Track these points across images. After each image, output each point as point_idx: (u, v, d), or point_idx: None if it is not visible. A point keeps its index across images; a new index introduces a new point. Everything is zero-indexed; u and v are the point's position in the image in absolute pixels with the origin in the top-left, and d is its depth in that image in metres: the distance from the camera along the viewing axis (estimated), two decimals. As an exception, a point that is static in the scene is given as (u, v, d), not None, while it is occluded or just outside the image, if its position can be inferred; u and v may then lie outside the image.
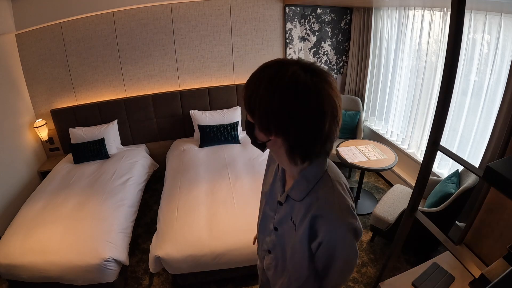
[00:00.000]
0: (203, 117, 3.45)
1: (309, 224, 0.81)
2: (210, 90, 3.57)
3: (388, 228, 2.28)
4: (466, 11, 1.08)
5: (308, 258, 0.88)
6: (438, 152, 1.36)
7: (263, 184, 1.10)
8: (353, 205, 0.80)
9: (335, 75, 3.99)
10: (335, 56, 3.88)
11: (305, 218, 0.81)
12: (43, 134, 3.30)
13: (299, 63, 0.69)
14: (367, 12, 3.34)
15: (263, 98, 0.68)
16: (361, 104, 3.62)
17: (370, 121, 3.77)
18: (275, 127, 0.71)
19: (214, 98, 3.61)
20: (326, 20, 3.65)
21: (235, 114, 3.52)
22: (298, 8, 3.51)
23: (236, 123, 3.45)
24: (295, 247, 0.90)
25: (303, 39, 3.68)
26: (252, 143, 0.83)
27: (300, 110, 0.67)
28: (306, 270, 0.92)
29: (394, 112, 3.33)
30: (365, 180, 3.47)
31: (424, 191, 1.51)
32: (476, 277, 1.22)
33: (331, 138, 0.74)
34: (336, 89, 0.70)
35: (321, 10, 3.59)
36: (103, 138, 3.24)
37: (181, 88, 3.61)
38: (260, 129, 0.74)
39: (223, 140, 3.39)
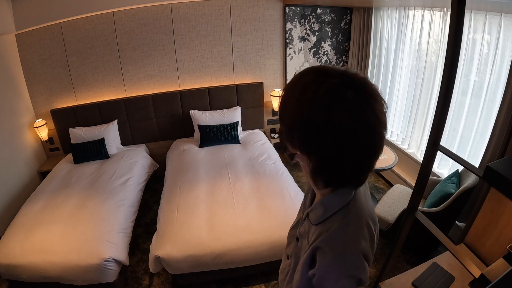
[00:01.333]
0: (203, 117, 3.45)
1: (312, 251, 0.73)
2: (210, 90, 3.57)
3: (388, 228, 2.28)
4: (466, 11, 1.08)
5: (308, 282, 0.79)
6: (438, 152, 1.36)
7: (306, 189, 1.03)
8: (367, 250, 0.67)
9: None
10: (335, 56, 3.88)
11: (312, 244, 0.74)
12: (43, 134, 3.30)
13: (344, 75, 0.59)
14: (367, 12, 3.34)
15: (292, 108, 0.61)
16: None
17: (370, 121, 3.76)
18: (299, 143, 0.63)
19: (214, 98, 3.61)
20: (326, 20, 3.65)
21: (235, 114, 3.52)
22: (298, 8, 3.51)
23: (236, 123, 3.45)
24: (299, 266, 0.83)
25: (303, 39, 3.68)
26: (283, 151, 0.76)
27: (328, 130, 0.58)
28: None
29: (394, 112, 3.33)
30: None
31: (424, 191, 1.51)
32: (476, 277, 1.22)
33: (363, 169, 0.64)
34: (383, 116, 0.59)
35: (321, 10, 3.59)
36: (103, 138, 3.24)
37: (181, 88, 3.61)
38: (286, 141, 0.66)
39: (223, 140, 3.39)
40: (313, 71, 0.62)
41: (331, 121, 0.57)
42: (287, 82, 0.67)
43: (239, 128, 3.56)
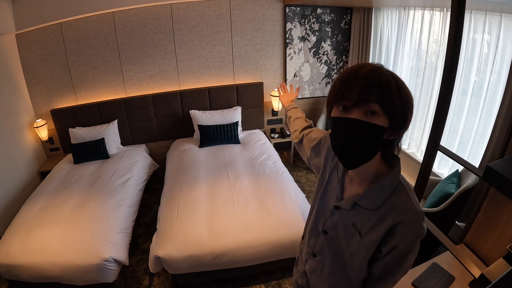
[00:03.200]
0: (203, 117, 3.45)
1: (386, 232, 0.80)
2: (210, 90, 3.57)
3: (388, 228, 2.27)
4: (466, 11, 1.08)
5: (367, 263, 0.87)
6: (438, 152, 1.36)
7: (318, 183, 1.04)
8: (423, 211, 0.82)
9: (335, 75, 3.99)
10: (335, 56, 3.88)
11: (379, 227, 0.80)
12: (43, 134, 3.30)
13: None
14: (367, 12, 3.34)
15: (400, 95, 0.72)
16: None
17: (370, 121, 3.76)
18: (408, 124, 0.77)
19: (214, 98, 3.61)
20: (326, 20, 3.65)
21: (235, 114, 3.52)
22: (298, 8, 3.51)
23: (236, 123, 3.45)
24: (357, 252, 0.88)
25: (303, 39, 3.68)
26: (360, 154, 0.76)
27: (412, 108, 0.76)
28: (364, 272, 0.90)
29: (394, 112, 3.33)
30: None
31: (424, 191, 1.51)
32: (476, 277, 1.22)
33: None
34: None
35: (321, 10, 3.59)
36: (103, 138, 3.24)
37: (181, 88, 3.61)
38: (394, 129, 0.76)
39: (223, 140, 3.39)
40: (382, 67, 0.77)
41: (411, 96, 0.76)
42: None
43: (239, 128, 3.56)
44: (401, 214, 0.78)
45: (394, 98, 0.71)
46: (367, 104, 0.70)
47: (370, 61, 3.48)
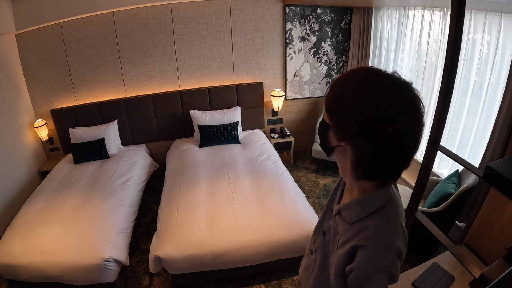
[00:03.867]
0: (203, 117, 3.45)
1: (350, 249, 0.76)
2: (210, 90, 3.57)
3: (388, 228, 2.27)
4: (466, 11, 1.08)
5: (342, 277, 0.83)
6: (438, 152, 1.36)
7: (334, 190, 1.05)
8: (401, 248, 0.72)
9: (335, 75, 3.99)
10: (335, 56, 3.88)
11: (349, 242, 0.77)
12: (43, 134, 3.30)
13: (393, 77, 0.66)
14: (367, 12, 3.34)
15: (349, 101, 0.66)
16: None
17: (370, 121, 3.76)
18: (350, 134, 0.68)
19: (214, 98, 3.61)
20: (326, 20, 3.65)
21: (235, 114, 3.52)
22: (298, 8, 3.51)
23: (236, 123, 3.45)
24: (333, 261, 0.86)
25: (303, 39, 3.68)
26: (320, 145, 0.80)
27: (383, 123, 0.63)
28: (340, 286, 0.85)
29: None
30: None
31: (424, 191, 1.51)
32: (476, 277, 1.22)
33: (402, 163, 0.68)
34: (422, 115, 0.66)
35: (321, 10, 3.59)
36: (103, 138, 3.24)
37: (181, 88, 3.61)
38: (334, 132, 0.72)
39: (223, 140, 3.39)
40: (366, 69, 0.69)
41: (382, 114, 0.63)
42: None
43: (239, 128, 3.56)
44: (366, 238, 0.72)
45: (330, 97, 0.71)
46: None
47: (370, 61, 3.49)
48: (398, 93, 0.63)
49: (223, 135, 3.38)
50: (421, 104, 0.66)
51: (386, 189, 0.75)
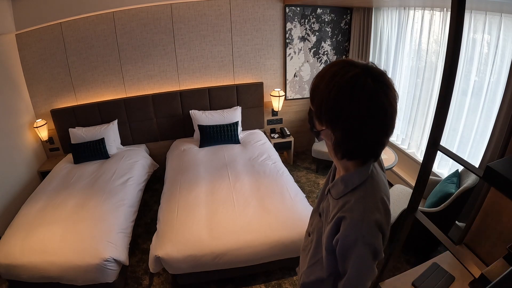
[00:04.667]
0: (203, 117, 3.45)
1: (335, 222, 0.83)
2: (210, 90, 3.57)
3: (388, 228, 2.27)
4: (466, 11, 1.08)
5: (332, 253, 0.90)
6: (438, 152, 1.36)
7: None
8: (381, 222, 0.78)
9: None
10: (335, 56, 3.88)
11: (335, 215, 0.85)
12: (43, 134, 3.31)
13: (365, 66, 0.72)
14: (367, 12, 3.34)
15: (322, 90, 0.74)
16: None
17: (370, 121, 3.76)
18: (326, 119, 0.76)
19: (214, 98, 3.61)
20: (326, 20, 3.65)
21: (235, 114, 3.52)
22: (298, 8, 3.51)
23: (236, 123, 3.45)
24: (324, 238, 0.93)
25: (303, 39, 3.68)
26: (310, 129, 0.87)
27: (350, 108, 0.71)
28: (330, 264, 0.92)
29: (394, 112, 3.32)
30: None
31: (424, 191, 1.50)
32: (476, 277, 1.22)
33: (376, 145, 0.77)
34: (394, 100, 0.72)
35: (321, 10, 3.59)
36: (103, 138, 3.24)
37: (181, 88, 3.61)
38: (316, 118, 0.80)
39: (223, 140, 3.39)
40: (341, 62, 0.75)
41: (353, 101, 0.70)
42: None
43: (239, 128, 3.56)
44: (348, 210, 0.80)
45: (312, 89, 0.77)
46: None
47: (370, 61, 3.48)
48: (367, 81, 0.69)
49: (223, 135, 3.38)
50: (392, 91, 0.72)
51: (366, 167, 0.81)
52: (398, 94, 0.74)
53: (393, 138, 3.36)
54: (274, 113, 3.91)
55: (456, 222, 2.29)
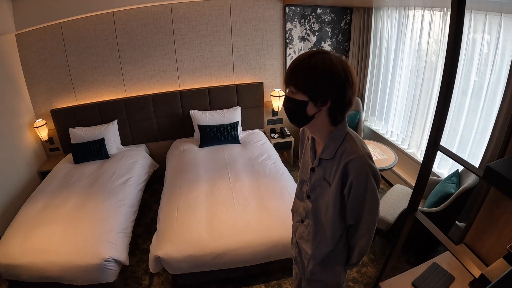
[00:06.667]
0: (203, 117, 3.45)
1: (342, 172, 1.00)
2: (210, 90, 3.57)
3: (388, 228, 2.28)
4: (466, 11, 1.08)
5: (340, 213, 1.09)
6: (438, 152, 1.36)
7: (300, 163, 1.27)
8: (371, 154, 1.02)
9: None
10: (335, 56, 3.87)
11: (337, 170, 1.02)
12: (43, 134, 3.30)
13: (330, 52, 0.95)
14: (367, 12, 3.34)
15: (322, 78, 0.91)
16: (361, 104, 3.62)
17: (370, 121, 3.77)
18: (324, 98, 0.93)
19: (214, 98, 3.61)
20: (326, 20, 3.65)
21: (235, 114, 3.52)
22: (298, 8, 3.51)
23: (236, 123, 3.45)
24: (329, 203, 1.09)
25: (303, 39, 3.68)
26: (294, 121, 1.02)
27: (341, 80, 0.92)
28: (339, 226, 1.11)
29: (394, 112, 3.33)
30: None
31: (424, 191, 1.51)
32: (476, 277, 1.22)
33: (351, 103, 0.98)
34: (352, 67, 0.96)
35: (321, 10, 3.59)
36: (103, 138, 3.24)
37: (181, 88, 3.61)
38: (316, 103, 0.95)
39: (223, 140, 3.39)
40: (318, 53, 0.93)
41: (341, 75, 0.91)
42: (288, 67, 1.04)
43: (239, 128, 3.56)
44: (349, 154, 0.99)
45: (303, 80, 0.92)
46: (288, 86, 0.98)
47: (370, 61, 3.49)
48: (342, 59, 0.93)
49: (223, 135, 3.38)
50: (348, 63, 0.96)
51: (344, 122, 1.03)
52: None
53: (393, 138, 3.36)
54: (274, 113, 3.91)
55: (456, 222, 2.29)
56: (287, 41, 3.63)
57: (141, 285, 2.32)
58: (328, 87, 0.92)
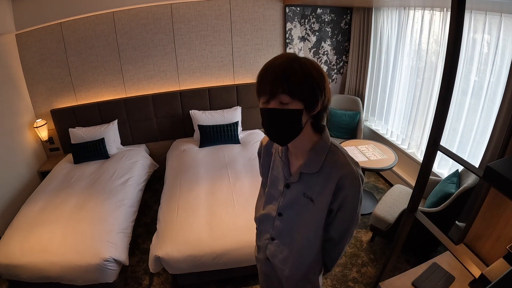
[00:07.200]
0: (203, 117, 3.45)
1: (335, 187, 0.93)
2: (210, 90, 3.57)
3: (388, 228, 2.28)
4: (466, 11, 1.08)
5: (322, 228, 1.03)
6: (438, 152, 1.36)
7: (263, 177, 1.18)
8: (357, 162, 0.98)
9: (335, 75, 3.99)
10: (335, 56, 3.88)
11: (328, 186, 0.94)
12: (43, 134, 3.30)
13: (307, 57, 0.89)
14: (367, 12, 3.34)
15: (318, 81, 0.84)
16: (361, 104, 3.62)
17: (370, 121, 3.77)
18: (321, 100, 0.87)
19: (214, 98, 3.61)
20: (326, 20, 3.65)
21: (235, 114, 3.52)
22: (298, 8, 3.51)
23: (236, 123, 3.45)
24: (311, 220, 1.02)
25: (303, 39, 3.68)
26: (285, 137, 0.90)
27: (324, 83, 0.86)
28: (319, 242, 1.06)
29: (394, 112, 3.33)
30: (365, 180, 3.46)
31: (424, 191, 1.51)
32: (476, 277, 1.22)
33: (327, 107, 0.93)
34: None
35: (321, 10, 3.59)
36: (103, 138, 3.24)
37: (181, 88, 3.61)
38: (309, 110, 0.87)
39: (223, 140, 3.39)
40: (298, 57, 0.84)
41: (323, 77, 0.86)
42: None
43: (239, 128, 3.56)
44: (342, 168, 0.92)
45: (300, 86, 0.82)
46: (278, 96, 0.83)
47: (370, 60, 3.49)
48: (313, 60, 0.87)
49: (223, 135, 3.38)
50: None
51: (326, 130, 0.97)
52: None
53: (393, 138, 3.36)
54: (274, 113, 3.91)
55: (456, 222, 2.29)
56: (287, 41, 3.63)
57: (141, 285, 2.32)
58: (321, 90, 0.85)
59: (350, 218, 0.99)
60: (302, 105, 0.85)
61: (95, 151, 3.19)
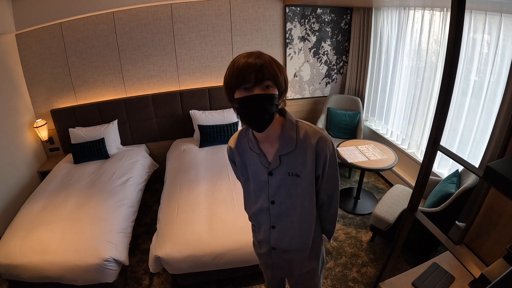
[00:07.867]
0: (203, 117, 3.45)
1: (315, 155, 1.04)
2: (210, 90, 3.57)
3: (388, 228, 2.28)
4: (466, 11, 1.08)
5: (313, 198, 1.12)
6: (438, 152, 1.36)
7: (243, 177, 1.23)
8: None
9: (335, 75, 3.99)
10: (335, 56, 3.88)
11: (308, 156, 1.04)
12: (43, 134, 3.30)
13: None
14: (367, 12, 3.34)
15: (282, 68, 0.98)
16: (361, 104, 3.62)
17: (370, 121, 3.77)
18: (285, 85, 1.00)
19: (214, 98, 3.61)
20: (326, 20, 3.65)
21: (235, 114, 3.51)
22: (298, 8, 3.51)
23: (236, 123, 3.45)
24: (303, 193, 1.10)
25: (303, 39, 3.68)
26: (266, 120, 0.98)
27: (286, 74, 1.00)
28: (315, 211, 1.15)
29: (394, 112, 3.33)
30: (365, 180, 3.46)
31: (424, 191, 1.51)
32: (476, 277, 1.22)
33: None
34: None
35: (321, 10, 3.59)
36: (103, 138, 3.24)
37: (181, 88, 3.61)
38: (281, 93, 0.99)
39: (223, 140, 3.39)
40: (257, 54, 0.98)
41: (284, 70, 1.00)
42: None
43: (239, 128, 3.56)
44: (314, 136, 1.04)
45: (276, 73, 0.94)
46: (263, 82, 0.94)
47: (370, 60, 3.50)
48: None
49: (223, 135, 3.38)
50: None
51: (287, 113, 1.08)
52: None
53: (393, 138, 3.36)
54: (274, 113, 3.91)
55: (456, 222, 2.29)
56: (287, 41, 3.63)
57: (141, 285, 2.32)
58: (286, 77, 0.99)
59: (334, 176, 1.11)
60: (277, 91, 0.97)
61: (95, 151, 3.19)
